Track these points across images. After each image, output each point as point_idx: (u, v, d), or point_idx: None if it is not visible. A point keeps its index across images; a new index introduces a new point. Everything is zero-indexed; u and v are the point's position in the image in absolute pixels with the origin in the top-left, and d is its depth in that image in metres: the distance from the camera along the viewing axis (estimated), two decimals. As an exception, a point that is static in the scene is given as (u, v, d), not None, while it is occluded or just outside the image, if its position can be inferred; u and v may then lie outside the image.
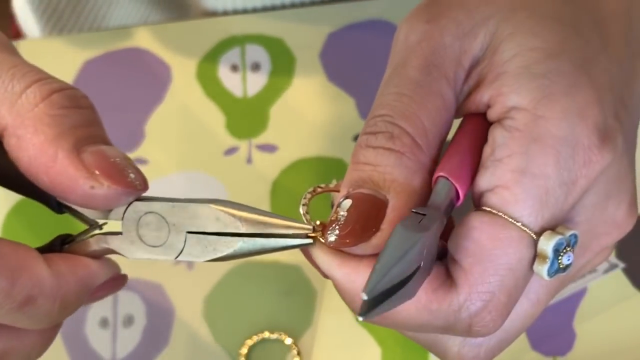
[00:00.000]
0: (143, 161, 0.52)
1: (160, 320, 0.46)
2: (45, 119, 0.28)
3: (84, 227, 0.31)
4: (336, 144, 0.51)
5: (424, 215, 0.28)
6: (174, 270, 0.48)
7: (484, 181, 0.30)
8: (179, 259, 0.29)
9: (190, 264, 0.48)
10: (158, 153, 0.52)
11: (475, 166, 0.30)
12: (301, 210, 0.31)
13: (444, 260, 0.31)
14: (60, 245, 0.31)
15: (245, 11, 0.57)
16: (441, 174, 0.30)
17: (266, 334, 0.45)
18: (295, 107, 0.52)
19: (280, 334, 0.45)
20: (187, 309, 0.46)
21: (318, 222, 0.30)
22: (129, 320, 0.46)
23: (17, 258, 0.28)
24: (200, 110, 0.53)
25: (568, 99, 0.29)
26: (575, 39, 0.30)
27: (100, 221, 0.30)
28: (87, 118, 0.30)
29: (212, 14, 0.58)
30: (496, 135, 0.30)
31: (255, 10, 0.57)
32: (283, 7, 0.57)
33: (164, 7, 0.64)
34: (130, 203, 0.30)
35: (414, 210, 0.28)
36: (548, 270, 0.28)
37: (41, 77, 0.29)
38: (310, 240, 0.29)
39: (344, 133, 0.51)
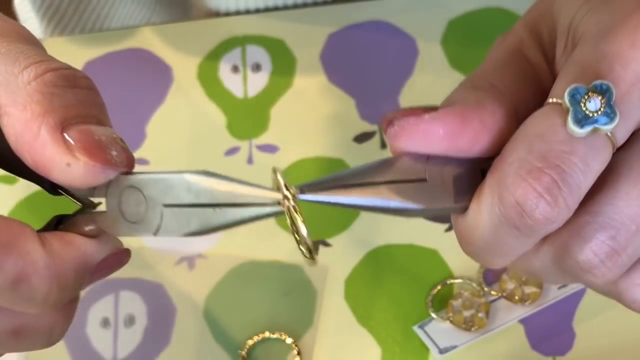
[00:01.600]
0: (144, 161, 0.52)
1: (161, 320, 0.46)
2: (35, 96, 0.27)
3: None
4: (337, 144, 0.51)
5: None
6: (175, 271, 0.48)
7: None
8: (158, 235, 0.28)
9: (191, 264, 0.48)
10: (159, 153, 0.52)
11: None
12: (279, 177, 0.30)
13: None
14: (56, 226, 0.30)
15: (247, 12, 0.57)
16: None
17: (267, 334, 0.45)
18: (296, 108, 0.52)
19: (281, 334, 0.45)
20: (188, 309, 0.47)
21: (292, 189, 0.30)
22: (130, 320, 0.47)
23: (8, 234, 0.27)
24: (201, 111, 0.53)
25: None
26: None
27: (96, 200, 0.29)
28: (83, 98, 0.29)
29: (215, 14, 0.58)
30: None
31: (257, 11, 0.57)
32: (285, 7, 0.57)
33: (166, 8, 0.64)
34: (113, 181, 0.29)
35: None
36: (573, 120, 0.26)
37: (43, 58, 0.29)
38: (281, 208, 0.29)
39: (345, 133, 0.51)
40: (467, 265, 0.46)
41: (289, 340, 0.45)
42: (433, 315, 0.44)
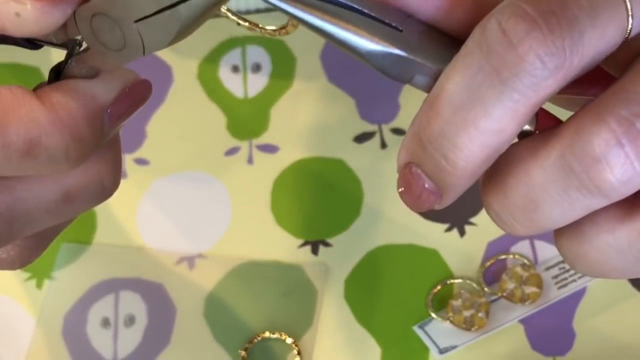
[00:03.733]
0: (144, 161, 0.52)
1: (161, 320, 0.47)
2: None
3: None
4: (337, 144, 0.51)
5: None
6: (175, 271, 0.48)
7: None
8: (147, 53, 0.27)
9: (191, 264, 0.48)
10: (159, 153, 0.52)
11: None
12: None
13: None
14: (56, 79, 0.28)
15: (248, 12, 0.57)
16: None
17: (267, 334, 0.45)
18: (296, 108, 0.52)
19: (281, 334, 0.45)
20: (188, 308, 0.47)
21: None
22: (130, 320, 0.47)
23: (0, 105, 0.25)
24: (201, 111, 0.53)
25: None
26: None
27: (78, 38, 0.28)
28: None
29: (216, 15, 0.58)
30: None
31: (257, 12, 0.57)
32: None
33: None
34: (76, 17, 0.27)
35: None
36: None
37: None
38: None
39: (345, 133, 0.51)
40: (467, 265, 0.46)
41: (289, 340, 0.45)
42: (433, 315, 0.44)
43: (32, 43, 0.28)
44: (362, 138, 0.51)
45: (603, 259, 0.22)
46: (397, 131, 0.51)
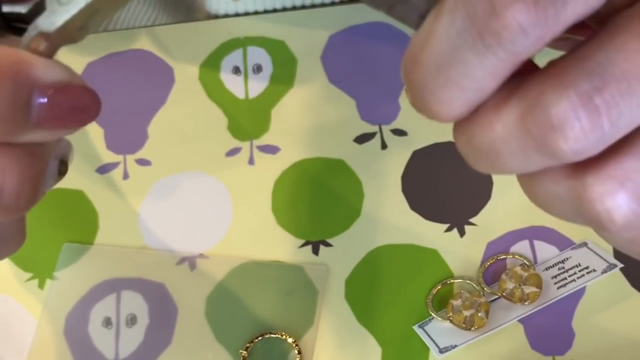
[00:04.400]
0: (146, 162, 0.52)
1: (162, 319, 0.47)
2: None
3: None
4: (337, 145, 0.51)
5: None
6: (176, 271, 0.48)
7: None
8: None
9: (192, 264, 0.48)
10: (161, 154, 0.52)
11: None
12: None
13: None
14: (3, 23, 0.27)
15: (248, 14, 0.57)
16: None
17: (268, 334, 0.45)
18: (297, 109, 0.53)
19: (282, 334, 0.45)
20: (190, 308, 0.47)
21: None
22: (132, 320, 0.47)
23: None
24: (202, 112, 0.53)
25: None
26: None
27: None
28: None
29: (218, 17, 0.58)
30: None
31: (259, 13, 0.57)
32: (285, 9, 0.57)
33: (170, 11, 0.64)
34: None
35: None
36: None
37: None
38: None
39: (345, 134, 0.51)
40: (467, 265, 0.46)
41: (289, 340, 0.45)
42: (433, 314, 0.44)
43: (13, 27, 0.27)
44: (362, 139, 0.51)
45: (548, 202, 0.24)
46: (398, 132, 0.51)
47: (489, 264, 0.46)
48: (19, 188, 0.24)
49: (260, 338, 0.45)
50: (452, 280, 0.46)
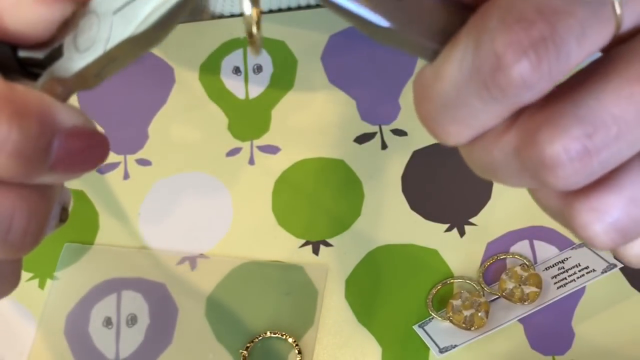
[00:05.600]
0: (146, 162, 0.52)
1: (163, 319, 0.47)
2: None
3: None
4: (337, 145, 0.51)
5: None
6: (177, 271, 0.48)
7: None
8: (108, 46, 0.25)
9: (193, 264, 0.48)
10: (161, 154, 0.52)
11: None
12: None
13: None
14: (19, 68, 0.27)
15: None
16: None
17: (268, 334, 0.45)
18: (297, 109, 0.53)
19: (282, 334, 0.45)
20: (190, 308, 0.47)
21: None
22: (132, 320, 0.47)
23: None
24: (202, 112, 0.53)
25: None
26: None
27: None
28: None
29: (218, 17, 0.58)
30: None
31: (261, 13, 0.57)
32: (285, 9, 0.57)
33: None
34: (71, 20, 0.26)
35: None
36: None
37: None
38: None
39: (345, 134, 0.51)
40: (467, 265, 0.46)
41: (290, 340, 0.45)
42: (433, 314, 0.44)
43: (28, 71, 0.27)
44: (362, 139, 0.51)
45: (542, 208, 0.26)
46: (398, 132, 0.51)
47: (489, 264, 0.46)
48: (26, 227, 0.25)
49: (260, 338, 0.45)
50: (452, 280, 0.46)
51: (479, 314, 0.44)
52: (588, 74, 0.23)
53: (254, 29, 0.26)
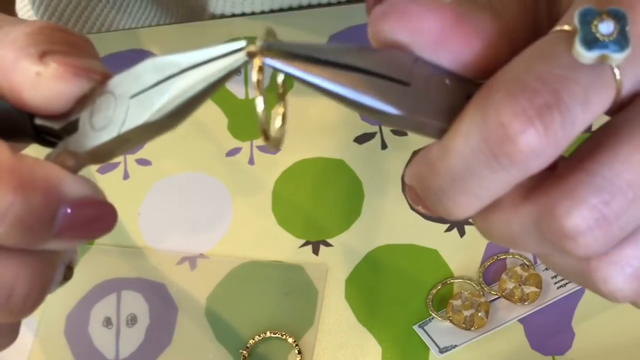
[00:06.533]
0: (146, 162, 0.52)
1: (163, 319, 0.47)
2: (21, 38, 0.26)
3: None
4: (337, 145, 0.51)
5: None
6: (176, 271, 0.48)
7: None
8: (122, 130, 0.25)
9: (192, 264, 0.48)
10: (161, 154, 0.52)
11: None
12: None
13: None
14: (34, 134, 0.27)
15: (243, 14, 0.57)
16: None
17: (268, 334, 0.45)
18: (297, 109, 0.53)
19: (282, 334, 0.45)
20: (190, 308, 0.47)
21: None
22: (132, 320, 0.47)
23: None
24: (202, 112, 0.53)
25: None
26: None
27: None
28: (73, 41, 0.27)
29: (217, 17, 0.58)
30: None
31: (259, 13, 0.57)
32: (285, 9, 0.57)
33: (172, 14, 0.65)
34: (88, 96, 0.26)
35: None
36: (581, 41, 0.23)
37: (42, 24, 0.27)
38: (244, 56, 0.26)
39: (345, 134, 0.51)
40: (467, 265, 0.46)
41: (290, 340, 0.45)
42: (433, 314, 0.44)
43: (42, 138, 0.28)
44: (362, 139, 0.51)
45: (557, 270, 0.26)
46: (398, 132, 0.51)
47: (489, 264, 0.46)
48: (27, 293, 0.25)
49: (260, 338, 0.45)
50: (452, 280, 0.46)
51: (479, 314, 0.44)
52: (596, 142, 0.24)
53: (272, 128, 0.27)
